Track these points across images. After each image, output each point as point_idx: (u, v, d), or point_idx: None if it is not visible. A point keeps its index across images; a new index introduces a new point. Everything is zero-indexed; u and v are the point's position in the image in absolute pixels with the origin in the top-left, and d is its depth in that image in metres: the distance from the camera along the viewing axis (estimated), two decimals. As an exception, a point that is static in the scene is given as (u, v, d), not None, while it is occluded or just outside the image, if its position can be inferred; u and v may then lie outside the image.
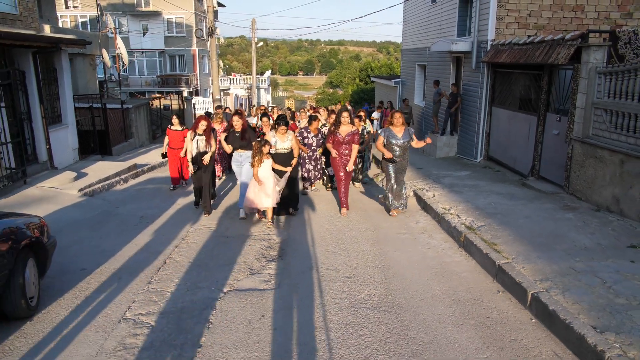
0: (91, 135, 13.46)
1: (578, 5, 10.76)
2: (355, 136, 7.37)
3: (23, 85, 9.57)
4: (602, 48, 6.94)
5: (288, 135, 7.10)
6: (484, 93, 11.25)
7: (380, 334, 3.80)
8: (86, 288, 4.71)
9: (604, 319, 3.66)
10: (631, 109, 6.20)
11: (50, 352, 3.52)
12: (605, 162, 6.69)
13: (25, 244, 4.03)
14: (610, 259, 4.90)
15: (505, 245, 5.43)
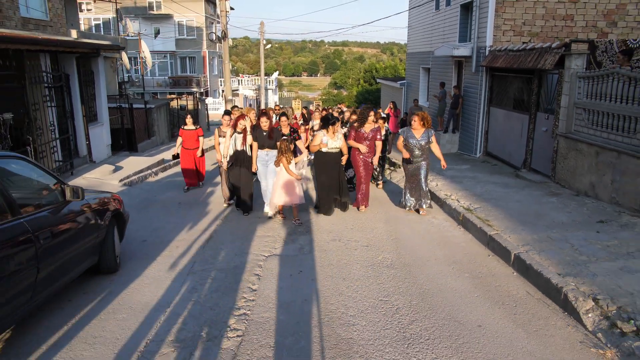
0: (120, 133, 14.59)
1: (568, 15, 11.82)
2: (378, 133, 7.64)
3: (67, 87, 10.70)
4: (582, 56, 8.02)
5: (338, 134, 7.35)
6: (482, 94, 12.32)
7: (395, 283, 4.88)
8: (152, 253, 5.80)
9: (567, 269, 4.73)
10: (604, 108, 7.27)
11: (142, 296, 4.60)
12: (584, 154, 7.76)
13: (113, 212, 5.13)
14: (581, 231, 5.97)
15: (496, 222, 6.51)
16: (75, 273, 4.35)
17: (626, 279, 4.43)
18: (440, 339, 3.73)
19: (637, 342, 3.46)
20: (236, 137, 7.45)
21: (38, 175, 4.13)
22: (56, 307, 4.23)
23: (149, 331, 3.83)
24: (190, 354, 3.51)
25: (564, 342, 3.70)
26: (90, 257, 4.62)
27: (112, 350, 3.55)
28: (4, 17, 12.11)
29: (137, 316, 4.10)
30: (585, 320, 3.94)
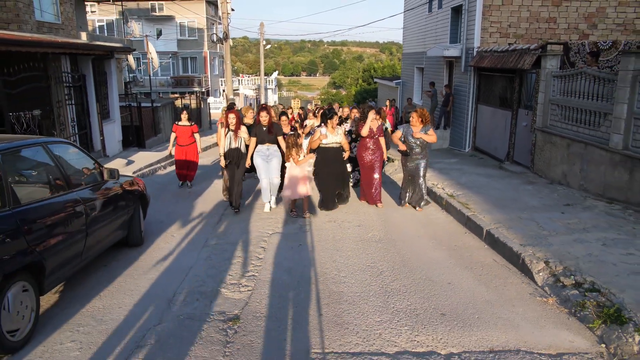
0: (129, 129, 15.39)
1: (551, 18, 12.62)
2: (381, 130, 7.75)
3: (84, 87, 11.50)
4: (556, 57, 8.82)
5: (338, 129, 7.40)
6: (471, 92, 13.12)
7: (381, 253, 5.67)
8: (169, 231, 6.60)
9: (529, 240, 5.53)
10: (574, 104, 8.08)
11: (165, 262, 5.40)
12: (557, 146, 8.56)
13: (138, 193, 5.94)
14: (548, 212, 6.77)
15: (475, 205, 7.31)
16: (110, 242, 5.16)
17: (576, 248, 5.23)
18: (415, 292, 4.53)
19: (572, 291, 4.26)
20: (230, 136, 7.34)
21: (82, 157, 4.94)
22: (95, 270, 5.03)
23: (176, 286, 4.64)
24: (211, 302, 4.31)
25: (517, 293, 4.51)
26: (121, 230, 5.42)
27: (147, 298, 4.35)
28: (21, 21, 12.92)
29: (163, 276, 4.91)
30: (537, 278, 4.75)
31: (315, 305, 4.26)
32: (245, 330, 3.81)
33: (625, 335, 3.48)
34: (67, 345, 3.56)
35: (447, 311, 4.12)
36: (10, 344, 3.33)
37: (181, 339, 3.65)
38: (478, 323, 3.91)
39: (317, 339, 3.66)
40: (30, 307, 3.56)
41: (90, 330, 3.78)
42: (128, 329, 3.81)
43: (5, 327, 3.28)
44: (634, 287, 4.13)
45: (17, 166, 3.95)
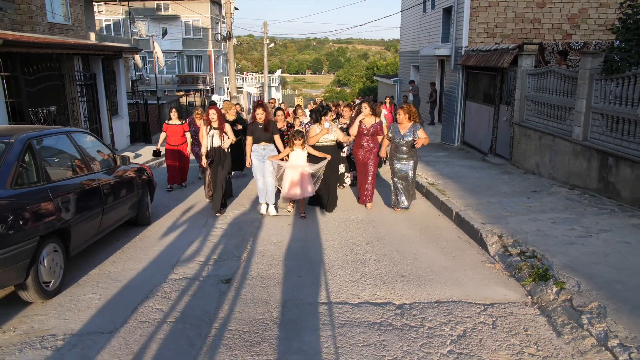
0: (136, 125, 16.22)
1: (535, 19, 13.28)
2: (379, 128, 7.34)
3: (95, 85, 12.31)
4: (531, 56, 9.51)
5: (332, 127, 7.19)
6: (459, 90, 13.82)
7: (359, 231, 6.42)
8: (173, 214, 7.38)
9: (490, 220, 6.26)
10: (544, 100, 8.78)
11: (169, 238, 6.18)
12: (531, 139, 9.27)
13: (145, 178, 6.72)
14: (515, 197, 7.49)
15: (451, 192, 8.04)
16: (122, 219, 5.94)
17: (529, 225, 5.96)
18: (383, 260, 5.28)
19: (516, 258, 5.00)
20: (213, 133, 7.03)
21: (98, 146, 5.72)
22: (109, 243, 5.82)
23: (179, 256, 5.42)
24: (208, 267, 5.08)
25: (471, 261, 5.25)
26: (131, 210, 6.20)
27: (153, 264, 5.13)
28: (34, 23, 13.76)
29: (167, 249, 5.69)
30: (490, 249, 5.48)
31: (296, 270, 5.02)
32: (236, 288, 4.57)
33: (546, 288, 4.21)
34: (89, 295, 4.35)
35: (407, 274, 4.87)
36: (46, 292, 4.12)
37: (182, 292, 4.43)
38: (431, 283, 4.65)
39: (294, 294, 4.42)
40: (60, 265, 4.35)
41: (107, 285, 4.57)
42: (138, 285, 4.59)
43: (42, 279, 4.07)
44: (564, 253, 4.85)
45: (47, 150, 4.73)
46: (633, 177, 6.33)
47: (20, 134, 4.34)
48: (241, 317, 3.94)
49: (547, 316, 3.90)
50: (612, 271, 4.37)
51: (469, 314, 3.98)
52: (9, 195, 3.87)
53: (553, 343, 3.51)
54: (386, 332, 3.70)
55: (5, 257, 3.66)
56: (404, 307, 4.12)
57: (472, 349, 3.45)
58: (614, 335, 3.31)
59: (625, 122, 6.55)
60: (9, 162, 4.03)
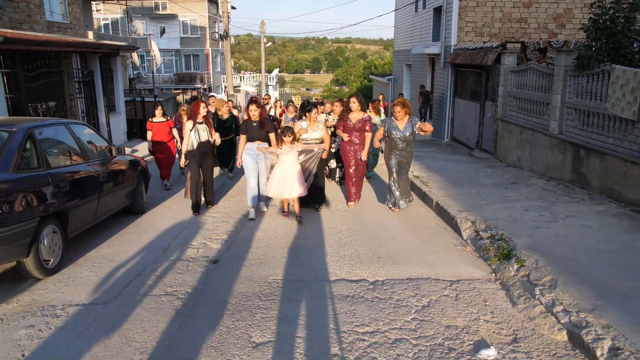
0: (133, 122, 16.54)
1: (522, 18, 13.64)
2: (367, 123, 6.99)
3: (92, 82, 12.63)
4: (513, 54, 9.87)
5: (319, 124, 6.92)
6: (449, 87, 14.18)
7: (343, 219, 6.74)
8: (167, 204, 7.70)
9: (467, 208, 6.61)
10: (525, 96, 9.14)
11: (162, 225, 6.51)
12: (513, 133, 9.62)
13: (140, 169, 7.05)
14: (494, 188, 7.84)
15: (434, 183, 8.39)
16: (117, 207, 6.28)
17: (502, 212, 6.31)
18: (362, 244, 5.62)
19: (485, 241, 5.35)
20: (199, 129, 6.76)
21: (95, 137, 6.06)
22: (105, 229, 6.15)
23: (170, 240, 5.76)
24: (197, 250, 5.42)
25: (444, 245, 5.60)
26: (126, 199, 6.54)
27: (146, 248, 5.48)
28: (32, 21, 14.07)
29: (161, 235, 6.02)
30: (463, 234, 5.83)
31: (280, 253, 5.36)
32: (223, 267, 4.92)
33: (508, 266, 4.56)
34: (86, 273, 4.69)
35: (383, 255, 5.22)
36: (46, 269, 4.46)
37: (172, 271, 4.77)
38: (405, 263, 5.00)
39: (276, 272, 4.77)
40: (59, 245, 4.69)
41: (103, 265, 4.91)
42: (131, 265, 4.93)
43: (42, 257, 4.41)
44: (530, 236, 5.21)
45: (47, 139, 5.07)
46: (602, 168, 6.68)
47: (22, 124, 4.68)
48: (225, 291, 4.29)
49: (506, 290, 4.25)
50: (569, 250, 4.72)
51: (435, 288, 4.33)
52: (12, 178, 4.22)
53: (507, 311, 3.86)
54: (357, 303, 4.05)
55: (9, 235, 4.00)
56: (376, 283, 4.47)
57: (433, 316, 3.80)
58: (560, 303, 3.66)
59: (595, 116, 6.91)
60: (12, 148, 4.37)
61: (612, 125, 6.48)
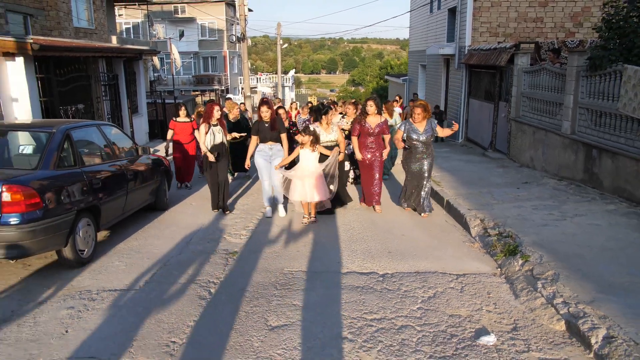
0: (154, 123, 17.05)
1: (538, 17, 13.69)
2: (385, 127, 6.94)
3: (117, 85, 13.13)
4: (527, 54, 9.99)
5: (333, 126, 6.86)
6: (463, 87, 14.30)
7: (355, 217, 6.97)
8: (189, 201, 8.06)
9: (477, 207, 6.81)
10: (538, 96, 9.26)
11: (184, 220, 6.86)
12: (526, 134, 9.75)
13: (163, 168, 7.42)
14: (506, 188, 8.00)
15: (445, 183, 8.58)
16: (143, 203, 6.65)
17: (511, 211, 6.49)
18: (373, 240, 5.87)
19: (493, 238, 5.55)
20: (214, 131, 6.84)
21: (123, 137, 6.45)
22: (131, 224, 6.53)
23: (192, 234, 6.10)
24: (217, 244, 5.74)
25: (453, 241, 5.81)
26: (150, 196, 6.90)
27: (170, 241, 5.82)
28: (61, 28, 14.70)
29: (182, 229, 6.37)
30: (472, 231, 6.03)
31: (295, 247, 5.65)
32: (241, 259, 5.23)
33: (513, 262, 4.77)
34: (116, 264, 5.05)
35: (394, 251, 5.46)
36: (80, 258, 4.84)
37: (194, 262, 5.10)
38: (414, 257, 5.23)
39: (291, 264, 5.05)
40: (92, 237, 5.07)
41: (131, 256, 5.27)
42: (157, 256, 5.27)
43: (78, 247, 4.78)
44: (537, 233, 5.39)
45: (81, 139, 5.45)
46: (613, 168, 6.80)
47: (60, 126, 5.07)
48: (244, 281, 4.59)
49: (510, 283, 4.46)
50: (575, 247, 4.90)
51: (442, 281, 4.56)
52: (52, 175, 4.60)
53: (510, 303, 4.08)
54: (367, 293, 4.31)
55: (51, 226, 4.38)
56: (385, 276, 4.72)
57: (438, 306, 4.04)
58: (560, 295, 3.87)
59: (607, 116, 7.03)
60: (52, 148, 4.75)
61: (624, 125, 6.60)
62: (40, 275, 4.76)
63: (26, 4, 13.92)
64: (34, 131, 5.32)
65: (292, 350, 3.38)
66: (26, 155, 5.20)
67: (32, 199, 4.33)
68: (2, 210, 4.24)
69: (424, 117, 6.52)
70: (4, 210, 4.25)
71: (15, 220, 4.25)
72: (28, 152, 5.24)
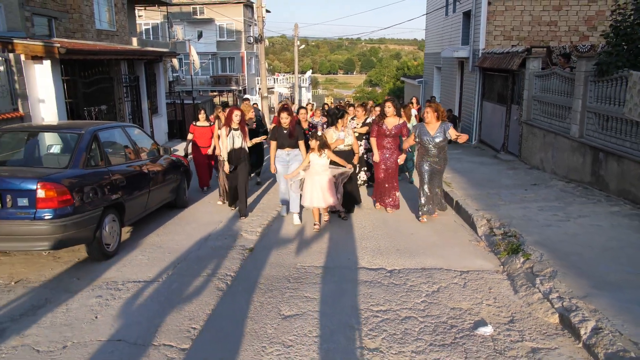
0: (173, 123, 17.54)
1: (552, 21, 13.75)
2: (404, 129, 6.92)
3: (138, 86, 13.59)
4: (538, 58, 10.11)
5: (348, 130, 6.90)
6: (477, 90, 14.42)
7: (368, 218, 7.21)
8: (207, 199, 8.41)
9: (485, 207, 7.00)
10: (548, 100, 9.39)
11: (203, 218, 7.20)
12: (536, 136, 9.88)
13: (183, 168, 7.78)
14: (514, 189, 8.17)
15: (456, 184, 8.78)
16: (163, 201, 7.01)
17: (517, 212, 6.68)
18: (383, 238, 6.12)
19: (498, 237, 5.75)
20: (234, 134, 6.86)
21: (145, 138, 6.82)
22: (152, 220, 6.89)
23: (210, 231, 6.43)
24: (234, 240, 6.06)
25: (459, 240, 6.03)
26: (170, 194, 7.26)
27: (189, 237, 6.16)
28: (84, 30, 15.25)
29: (201, 226, 6.71)
30: (479, 231, 6.24)
31: (308, 244, 5.94)
32: (257, 255, 5.54)
33: (515, 260, 4.98)
34: (139, 257, 5.40)
35: (402, 248, 5.71)
36: (106, 252, 5.21)
37: (212, 257, 5.42)
38: (421, 255, 5.47)
39: (304, 260, 5.34)
40: (116, 232, 5.43)
41: (153, 251, 5.61)
42: (178, 251, 5.61)
43: (104, 241, 5.15)
44: (540, 233, 5.58)
45: (107, 140, 5.83)
46: (619, 171, 6.93)
47: (89, 127, 5.45)
48: (259, 274, 4.90)
49: (511, 280, 4.68)
50: (575, 247, 5.09)
51: (446, 277, 4.80)
52: (82, 173, 4.97)
53: (509, 298, 4.30)
54: (375, 287, 4.57)
55: (80, 221, 4.75)
56: (393, 272, 4.98)
57: (441, 300, 4.28)
58: (556, 291, 4.08)
59: (614, 120, 7.16)
60: (81, 148, 5.13)
61: (630, 129, 6.73)
62: (69, 267, 5.13)
63: (51, 7, 14.48)
64: (63, 132, 5.72)
65: (303, 337, 3.66)
66: (57, 155, 5.59)
67: (64, 196, 4.70)
68: (37, 206, 4.62)
69: (436, 119, 6.45)
70: (39, 206, 4.62)
71: (49, 215, 4.62)
72: (58, 152, 5.63)
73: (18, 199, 4.59)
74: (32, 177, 4.65)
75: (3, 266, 5.16)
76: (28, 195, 4.59)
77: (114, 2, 17.24)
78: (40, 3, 13.73)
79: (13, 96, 8.96)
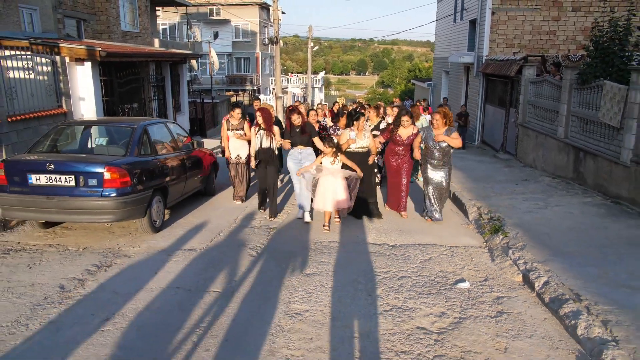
0: (194, 121, 18.69)
1: (551, 31, 14.64)
2: (418, 138, 6.92)
3: (164, 86, 14.73)
4: (533, 66, 11.03)
5: (365, 132, 6.96)
6: (480, 94, 15.35)
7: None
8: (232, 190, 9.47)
9: (477, 198, 7.97)
10: (540, 104, 10.32)
11: (230, 204, 8.24)
12: (530, 137, 10.80)
13: (212, 160, 8.85)
14: (506, 184, 9.12)
15: (455, 179, 9.70)
16: (196, 188, 8.07)
17: (505, 201, 7.64)
18: (386, 222, 7.10)
19: (484, 221, 6.73)
20: (261, 134, 7.02)
21: (182, 132, 7.90)
22: (187, 205, 7.95)
23: (238, 214, 7.47)
24: (260, 222, 7.09)
25: (453, 224, 7.01)
26: (201, 183, 8.33)
27: (219, 218, 7.20)
28: (110, 32, 16.41)
29: (229, 210, 7.75)
30: (470, 217, 7.22)
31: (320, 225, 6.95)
32: (280, 232, 6.58)
33: (496, 237, 5.96)
34: (180, 232, 6.47)
35: (403, 229, 6.71)
36: (155, 227, 6.29)
37: (242, 233, 6.47)
38: (419, 234, 6.47)
39: (320, 236, 6.36)
40: (162, 211, 6.51)
41: (191, 228, 6.67)
42: (212, 230, 6.66)
43: (152, 218, 6.23)
44: (519, 218, 6.55)
45: (154, 133, 6.91)
46: (595, 167, 7.86)
47: (140, 122, 6.54)
48: (281, 247, 5.93)
49: (490, 252, 5.67)
50: (546, 228, 6.05)
51: (438, 250, 5.80)
52: (136, 160, 6.05)
53: (486, 264, 5.29)
54: (377, 256, 5.58)
55: (135, 199, 5.82)
56: (394, 246, 5.98)
57: (431, 265, 5.28)
58: (522, 258, 5.06)
59: (592, 123, 8.08)
60: (135, 139, 6.21)
61: (603, 131, 7.66)
62: (124, 239, 6.20)
63: (80, 9, 15.65)
64: (119, 126, 6.81)
65: (321, 287, 4.69)
66: (115, 144, 6.68)
67: (125, 178, 5.77)
68: (104, 186, 5.70)
69: (443, 125, 6.52)
70: (105, 185, 5.70)
71: (114, 194, 5.70)
72: (116, 142, 6.72)
73: (89, 180, 5.67)
74: (100, 162, 5.73)
75: (68, 237, 6.24)
76: (97, 177, 5.67)
77: (137, 4, 18.39)
78: (71, 6, 14.90)
79: (58, 94, 10.11)
